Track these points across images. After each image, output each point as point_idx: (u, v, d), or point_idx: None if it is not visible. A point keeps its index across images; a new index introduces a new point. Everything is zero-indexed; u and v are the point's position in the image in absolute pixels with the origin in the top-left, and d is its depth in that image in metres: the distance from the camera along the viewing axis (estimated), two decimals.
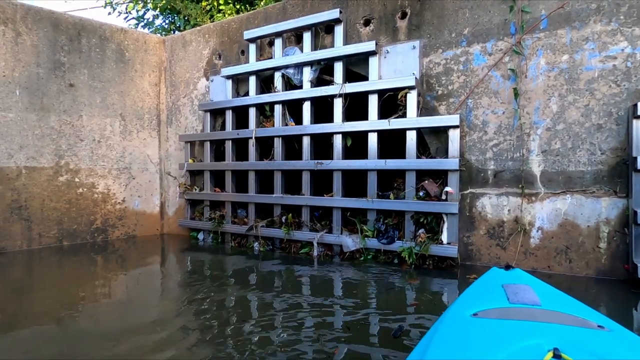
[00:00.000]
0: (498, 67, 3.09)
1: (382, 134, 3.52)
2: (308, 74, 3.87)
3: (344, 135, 3.67)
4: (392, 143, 3.71)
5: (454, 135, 3.17)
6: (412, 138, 3.32)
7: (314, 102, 3.89)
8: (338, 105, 3.66)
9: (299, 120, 3.95)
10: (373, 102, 3.50)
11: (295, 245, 3.89)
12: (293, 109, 4.13)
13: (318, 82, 3.92)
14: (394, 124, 3.34)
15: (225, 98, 4.49)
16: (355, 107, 3.80)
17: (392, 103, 3.45)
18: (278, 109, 4.06)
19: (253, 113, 4.23)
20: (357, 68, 3.75)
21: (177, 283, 3.10)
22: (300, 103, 3.92)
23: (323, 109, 4.00)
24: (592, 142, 2.78)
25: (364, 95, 3.56)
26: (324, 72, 3.90)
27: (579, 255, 2.84)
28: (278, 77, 4.08)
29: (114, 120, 4.68)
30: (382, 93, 3.46)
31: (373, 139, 3.50)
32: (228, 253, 3.98)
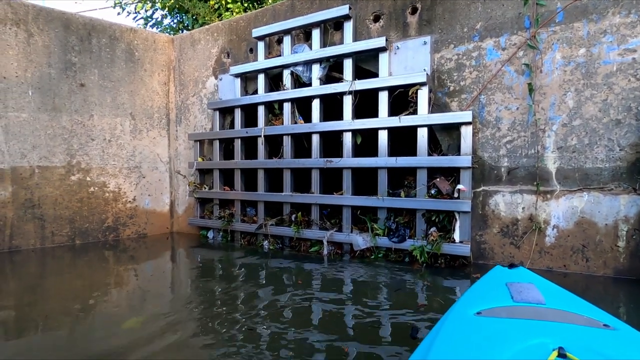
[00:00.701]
0: (512, 62, 3.02)
1: (392, 131, 3.47)
2: (317, 72, 3.84)
3: (354, 133, 3.64)
4: (402, 140, 3.67)
5: (467, 132, 3.11)
6: (423, 135, 3.27)
7: (323, 99, 3.86)
8: (348, 103, 3.62)
9: (308, 118, 3.93)
10: (383, 99, 3.45)
11: (305, 244, 3.88)
12: (302, 107, 4.11)
13: (327, 79, 3.89)
14: (405, 121, 3.29)
15: (234, 96, 4.48)
16: (365, 104, 3.76)
17: (402, 100, 3.41)
18: (287, 107, 4.04)
19: (262, 111, 4.21)
20: (366, 65, 3.71)
21: (188, 281, 3.10)
22: (310, 101, 3.89)
23: (332, 107, 3.97)
24: (610, 138, 2.71)
25: (374, 92, 3.51)
26: (333, 69, 3.87)
27: (596, 254, 2.77)
28: (287, 74, 4.06)
29: (124, 120, 4.71)
30: (392, 90, 3.42)
31: (383, 137, 3.45)
32: (238, 251, 3.98)
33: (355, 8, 3.69)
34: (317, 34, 3.83)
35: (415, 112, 3.31)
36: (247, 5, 7.26)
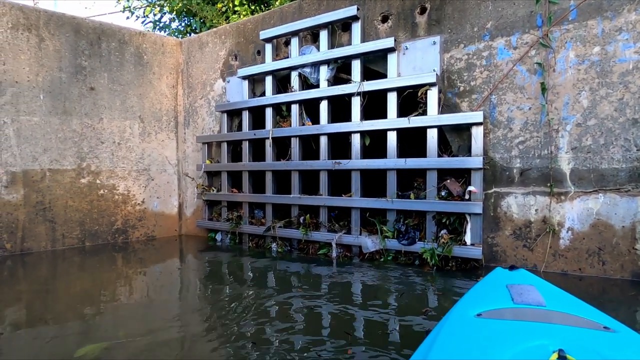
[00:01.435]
0: (524, 61, 2.97)
1: (401, 133, 3.44)
2: (325, 73, 3.82)
3: (362, 135, 3.61)
4: (411, 142, 3.63)
5: (477, 133, 3.06)
6: (433, 136, 3.23)
7: (331, 101, 3.84)
8: (356, 104, 3.59)
9: (316, 120, 3.91)
10: (392, 100, 3.42)
11: (314, 246, 3.85)
12: (310, 109, 4.09)
13: (335, 80, 3.87)
14: (414, 122, 3.25)
15: (242, 98, 4.49)
16: (374, 105, 3.73)
17: (411, 101, 3.37)
18: (295, 109, 4.03)
19: (270, 113, 4.21)
20: (375, 66, 3.68)
21: (197, 284, 3.10)
22: (318, 102, 3.87)
23: (340, 108, 3.95)
24: (626, 137, 2.64)
25: (383, 93, 3.48)
26: (341, 70, 3.85)
27: (613, 257, 2.70)
28: (295, 76, 4.05)
29: (133, 123, 4.74)
30: (401, 90, 3.38)
31: (392, 138, 3.42)
32: (246, 254, 3.97)
33: (363, 9, 3.67)
34: (324, 36, 3.81)
35: (425, 112, 3.27)
36: (254, 8, 7.29)
